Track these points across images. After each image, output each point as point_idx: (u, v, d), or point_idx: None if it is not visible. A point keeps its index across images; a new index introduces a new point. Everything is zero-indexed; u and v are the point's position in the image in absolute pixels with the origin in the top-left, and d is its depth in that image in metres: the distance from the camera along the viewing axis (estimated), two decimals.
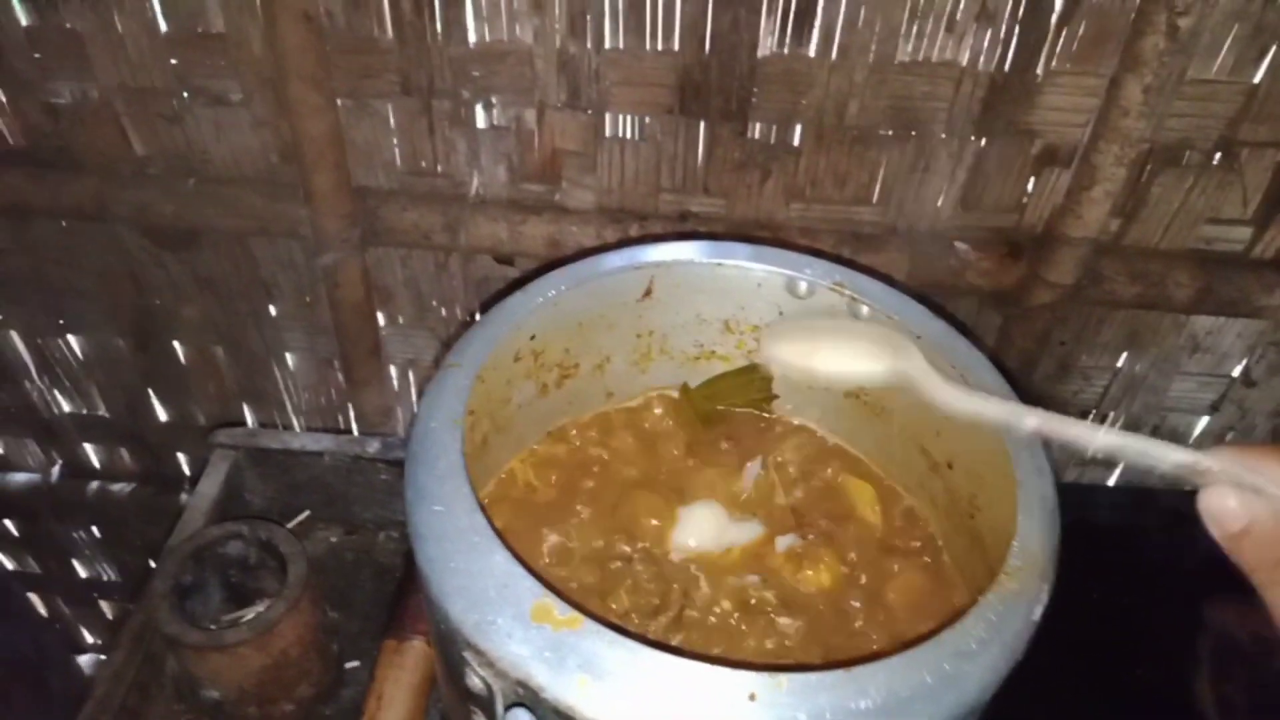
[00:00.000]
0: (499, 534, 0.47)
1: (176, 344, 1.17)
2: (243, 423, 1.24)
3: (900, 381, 0.52)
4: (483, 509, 0.47)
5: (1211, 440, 1.09)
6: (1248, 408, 1.06)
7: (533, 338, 0.61)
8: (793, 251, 0.63)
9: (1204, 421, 1.09)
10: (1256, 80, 0.83)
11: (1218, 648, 0.77)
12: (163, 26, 0.90)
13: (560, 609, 0.43)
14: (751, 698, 0.40)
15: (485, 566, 0.45)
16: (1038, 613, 0.44)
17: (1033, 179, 0.91)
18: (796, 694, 0.40)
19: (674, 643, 0.55)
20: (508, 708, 0.42)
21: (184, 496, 1.33)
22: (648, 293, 0.64)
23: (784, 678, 0.41)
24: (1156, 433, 1.10)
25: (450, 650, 0.46)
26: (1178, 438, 1.10)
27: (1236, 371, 1.03)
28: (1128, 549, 0.70)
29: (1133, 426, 1.10)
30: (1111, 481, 1.13)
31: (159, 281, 1.10)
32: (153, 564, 1.45)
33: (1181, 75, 0.82)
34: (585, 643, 0.42)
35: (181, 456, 1.32)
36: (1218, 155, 0.88)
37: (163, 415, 1.26)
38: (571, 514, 0.63)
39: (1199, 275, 0.93)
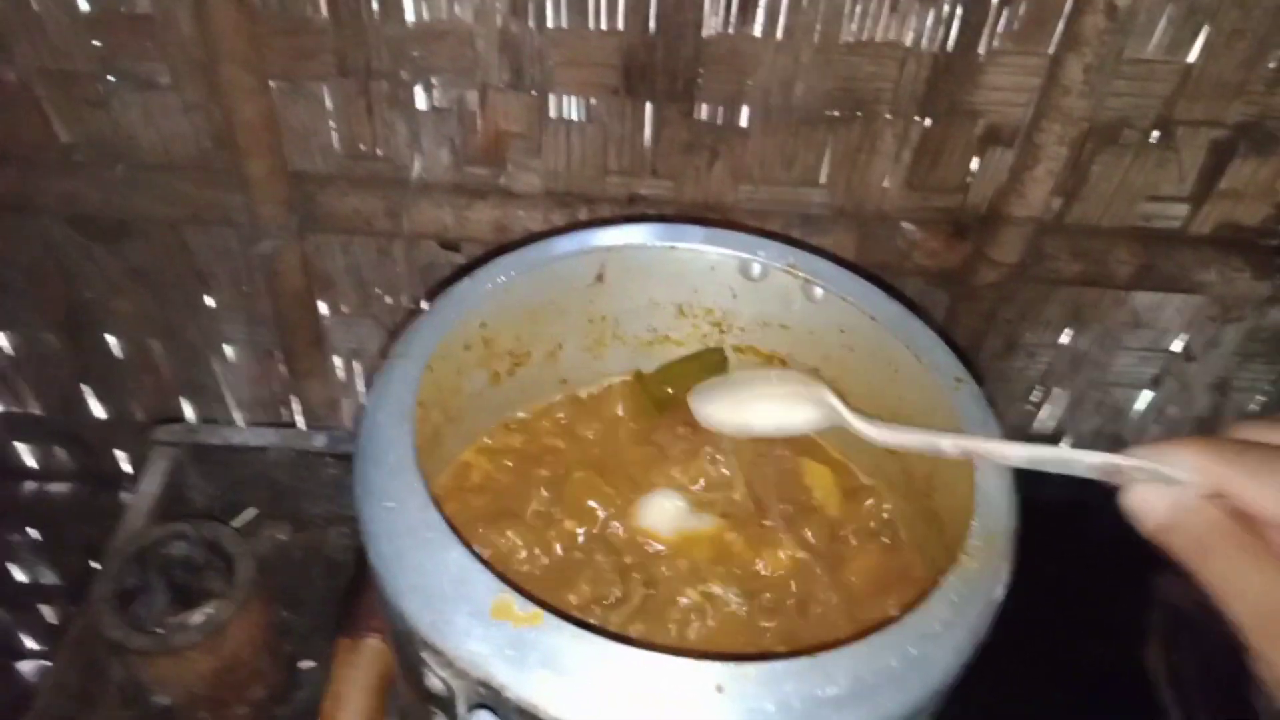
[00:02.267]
0: (454, 529, 0.46)
1: (110, 338, 1.13)
2: (182, 418, 1.20)
3: (829, 425, 0.55)
4: (436, 504, 0.46)
5: (1154, 414, 1.12)
6: (1188, 381, 1.08)
7: (483, 325, 0.60)
8: (746, 234, 0.63)
9: (1146, 396, 1.11)
10: (1191, 60, 0.84)
11: (1166, 619, 0.79)
12: (84, 6, 0.86)
13: (520, 605, 0.42)
14: (719, 689, 0.40)
15: (440, 563, 0.44)
16: (999, 592, 0.45)
17: (977, 159, 0.92)
18: (764, 684, 0.40)
19: (636, 632, 0.55)
20: (471, 709, 0.41)
21: (124, 495, 1.29)
22: (599, 277, 0.63)
23: (750, 668, 0.40)
24: (1100, 408, 1.12)
25: (408, 650, 0.45)
26: (1120, 412, 1.13)
27: (1176, 346, 1.06)
28: (1077, 526, 0.71)
29: (1076, 402, 1.12)
30: None
31: (89, 274, 1.06)
32: (94, 565, 1.42)
33: (1119, 55, 0.83)
34: (547, 638, 0.41)
35: (120, 454, 1.27)
36: (1155, 134, 0.89)
37: (99, 412, 1.22)
38: (528, 504, 0.62)
39: (1139, 252, 0.95)
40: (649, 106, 0.90)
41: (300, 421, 1.18)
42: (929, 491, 0.57)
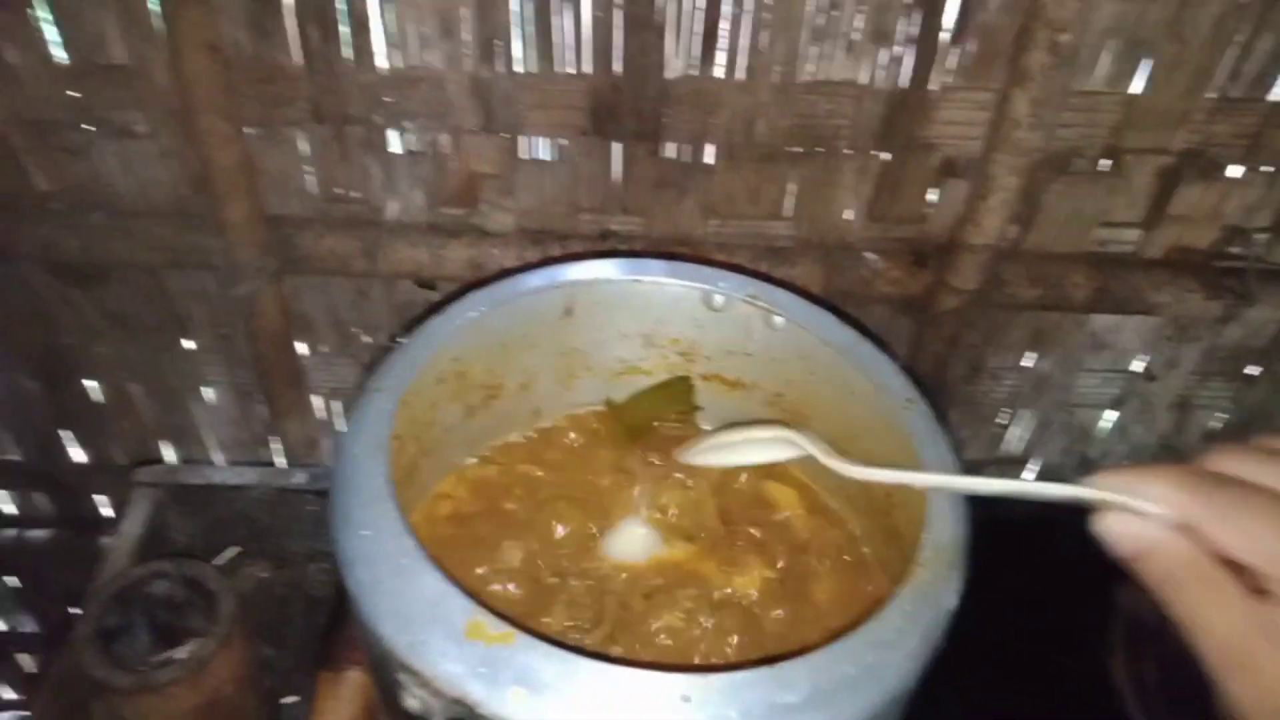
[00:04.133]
0: (428, 555, 0.47)
1: (90, 383, 1.14)
2: (162, 460, 1.21)
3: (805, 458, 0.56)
4: (411, 531, 0.48)
5: (1119, 433, 1.15)
6: (1150, 401, 1.11)
7: (455, 359, 0.62)
8: (707, 266, 0.65)
9: (1110, 416, 1.14)
10: (1135, 91, 0.88)
11: (1130, 630, 0.80)
12: (61, 57, 0.88)
13: (493, 625, 0.44)
14: (685, 699, 0.42)
15: (416, 587, 0.46)
16: (951, 600, 0.46)
17: (934, 190, 0.95)
18: (727, 693, 0.42)
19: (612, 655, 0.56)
20: None
21: (104, 539, 1.29)
22: (568, 311, 0.65)
23: (714, 678, 0.42)
24: (1067, 429, 1.15)
25: (386, 673, 0.47)
26: (1085, 432, 1.15)
27: (1137, 366, 1.09)
28: (1042, 541, 0.73)
29: (1043, 423, 1.15)
30: (1029, 473, 1.18)
31: (67, 319, 1.07)
32: (73, 611, 1.41)
33: (1065, 88, 0.86)
34: (519, 656, 0.43)
35: (100, 498, 1.28)
36: (1105, 162, 0.93)
37: (79, 456, 1.22)
38: (503, 534, 0.63)
39: (1095, 276, 0.98)
40: (617, 146, 0.93)
41: (281, 461, 1.19)
42: (889, 509, 0.59)
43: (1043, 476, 1.17)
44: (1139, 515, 0.38)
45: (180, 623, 0.79)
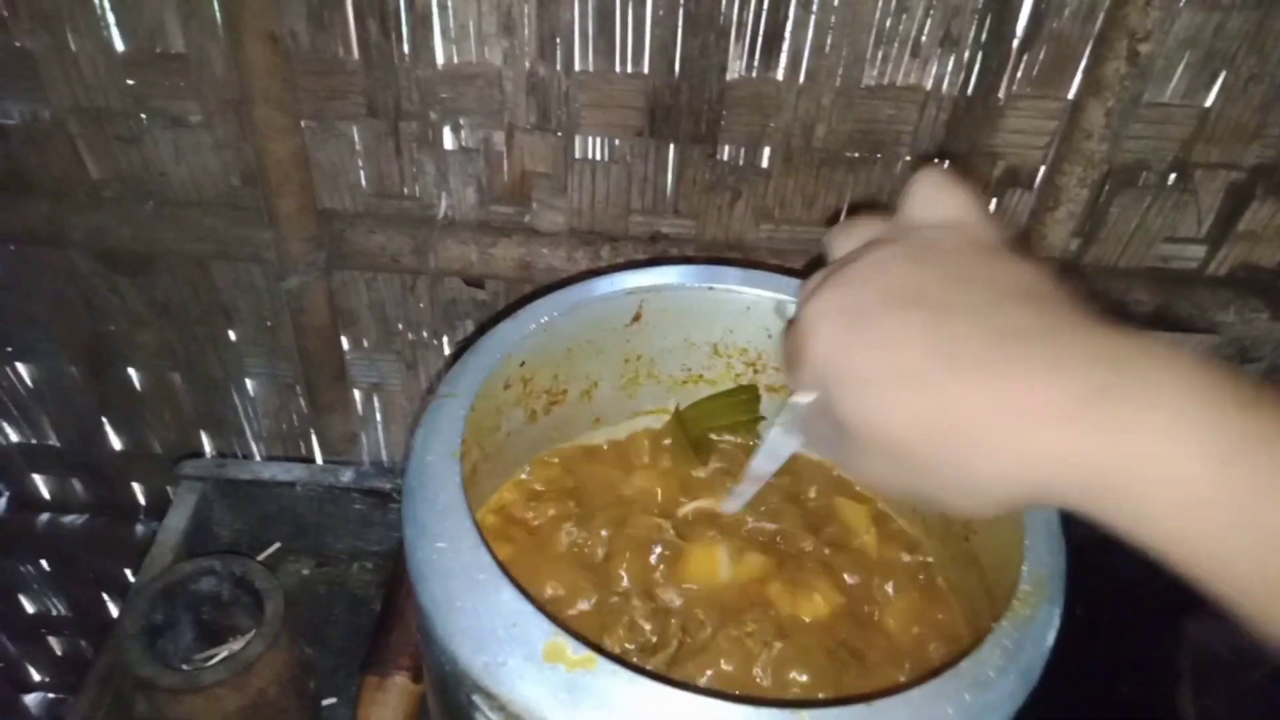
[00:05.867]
0: (504, 570, 0.46)
1: (131, 371, 1.14)
2: (200, 451, 1.21)
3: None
4: (487, 545, 0.47)
5: None
6: None
7: (522, 364, 0.60)
8: (781, 274, 0.64)
9: None
10: (1208, 104, 0.86)
11: (1198, 661, 0.79)
12: (119, 46, 0.88)
13: (574, 648, 0.43)
14: None
15: (493, 605, 0.44)
16: (1051, 637, 0.45)
17: (995, 200, 0.93)
18: None
19: (676, 677, 0.55)
20: None
21: (139, 527, 1.29)
22: (637, 317, 0.64)
23: (806, 714, 0.40)
24: None
25: (455, 693, 0.45)
26: None
27: None
28: (1106, 565, 0.71)
29: None
30: None
31: (113, 307, 1.07)
32: (105, 597, 1.41)
33: (1139, 99, 0.84)
34: (601, 682, 0.42)
35: (137, 486, 1.28)
36: (1173, 176, 0.91)
37: (117, 444, 1.22)
38: (562, 546, 0.62)
39: (1156, 292, 0.96)
40: (672, 147, 0.91)
41: (318, 455, 1.19)
42: (966, 534, 0.58)
43: None
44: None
45: (224, 620, 0.79)
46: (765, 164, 0.92)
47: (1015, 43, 0.83)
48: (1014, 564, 0.47)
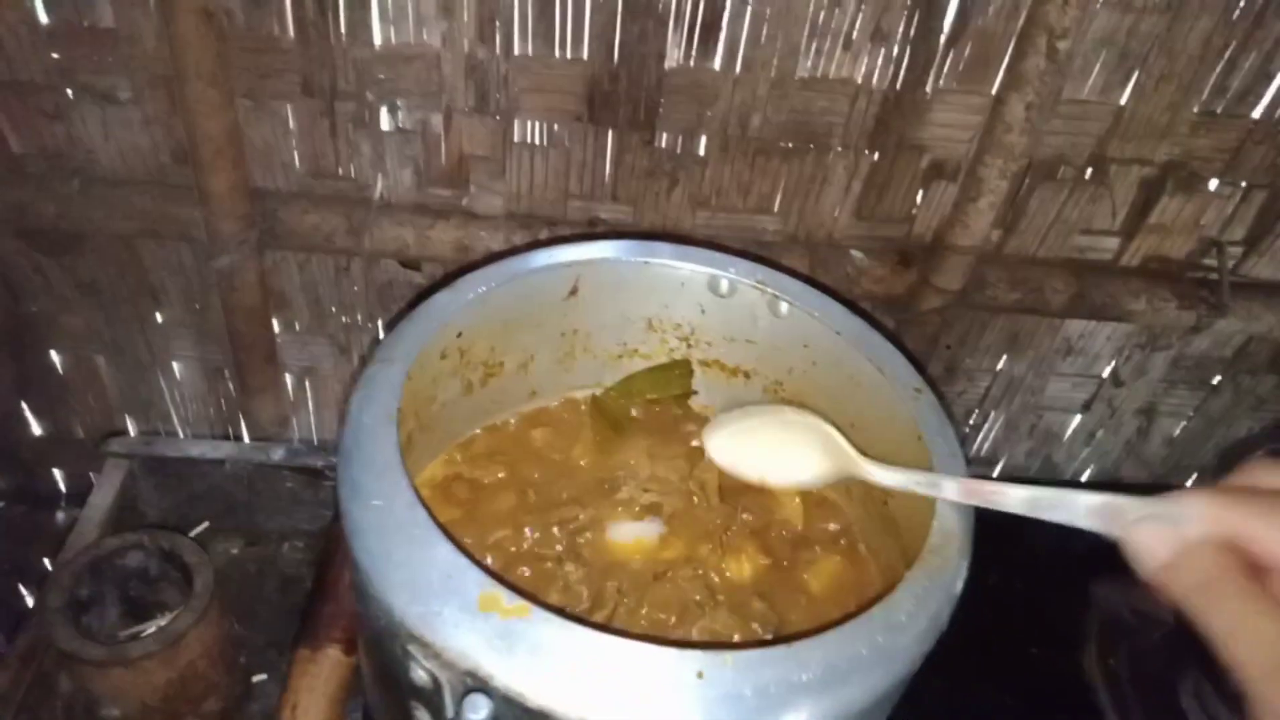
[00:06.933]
0: (440, 526, 0.47)
1: (54, 353, 1.11)
2: (126, 433, 1.18)
3: (840, 478, 0.56)
4: (424, 502, 0.47)
5: (1084, 438, 1.17)
6: (1116, 406, 1.14)
7: (459, 335, 0.61)
8: (717, 251, 0.65)
9: (1076, 419, 1.16)
10: (1123, 102, 0.90)
11: (1103, 624, 0.83)
12: (43, 19, 0.86)
13: (508, 598, 0.44)
14: (699, 675, 0.42)
15: (428, 558, 0.45)
16: (959, 586, 0.47)
17: (921, 191, 0.96)
18: (742, 670, 0.42)
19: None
20: (464, 694, 0.42)
21: (59, 515, 1.25)
22: (573, 291, 0.65)
23: (729, 655, 0.42)
24: (1033, 431, 1.17)
25: (391, 646, 0.46)
26: (1052, 436, 1.18)
27: (1106, 372, 1.11)
28: (1020, 536, 0.74)
29: (1011, 425, 1.17)
30: (996, 473, 1.20)
31: (36, 287, 1.04)
32: (22, 588, 1.37)
33: (1058, 95, 0.88)
34: (534, 629, 0.43)
35: (58, 472, 1.24)
36: (1089, 170, 0.95)
37: (37, 429, 1.19)
38: (497, 514, 0.63)
39: (1072, 282, 1.00)
40: (611, 133, 0.93)
41: (246, 438, 1.17)
42: (885, 499, 0.60)
43: (1004, 478, 1.19)
44: (1170, 527, 0.38)
45: (152, 596, 0.78)
46: (702, 152, 0.94)
47: (942, 38, 0.86)
48: (927, 524, 0.50)
